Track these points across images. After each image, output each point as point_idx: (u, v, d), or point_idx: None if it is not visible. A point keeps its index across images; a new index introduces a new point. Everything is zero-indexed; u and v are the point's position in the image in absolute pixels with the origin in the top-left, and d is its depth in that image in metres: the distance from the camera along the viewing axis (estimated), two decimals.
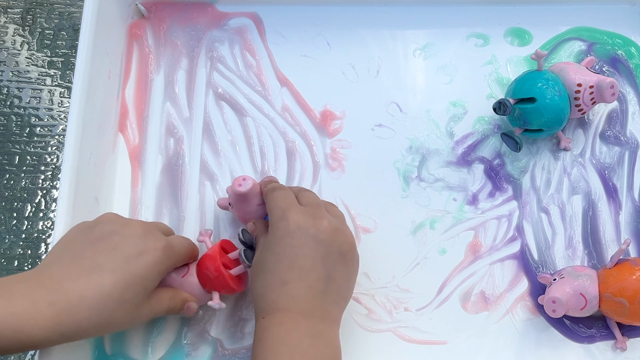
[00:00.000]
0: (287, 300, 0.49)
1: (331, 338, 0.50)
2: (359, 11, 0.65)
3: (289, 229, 0.50)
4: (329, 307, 0.50)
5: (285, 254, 0.50)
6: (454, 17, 0.65)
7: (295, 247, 0.50)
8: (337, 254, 0.51)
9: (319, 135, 0.62)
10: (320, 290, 0.49)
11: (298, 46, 0.65)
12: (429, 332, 0.57)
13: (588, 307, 0.54)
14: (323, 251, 0.50)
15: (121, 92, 0.63)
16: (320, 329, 0.49)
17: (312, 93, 0.63)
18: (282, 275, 0.49)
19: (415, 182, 0.61)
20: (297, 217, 0.51)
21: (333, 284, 0.50)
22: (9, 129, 0.65)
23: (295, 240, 0.50)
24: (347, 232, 0.52)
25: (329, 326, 0.50)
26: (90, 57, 0.57)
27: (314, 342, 0.48)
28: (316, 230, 0.50)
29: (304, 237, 0.50)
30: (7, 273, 0.60)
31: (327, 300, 0.50)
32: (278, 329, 0.48)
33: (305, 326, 0.48)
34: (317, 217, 0.51)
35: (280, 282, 0.49)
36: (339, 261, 0.51)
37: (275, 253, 0.50)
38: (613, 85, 0.57)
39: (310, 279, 0.49)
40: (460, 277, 0.58)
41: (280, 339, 0.48)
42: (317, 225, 0.50)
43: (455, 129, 0.62)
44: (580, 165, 0.61)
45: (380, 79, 0.64)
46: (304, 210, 0.52)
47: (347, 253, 0.51)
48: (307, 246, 0.50)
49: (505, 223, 0.59)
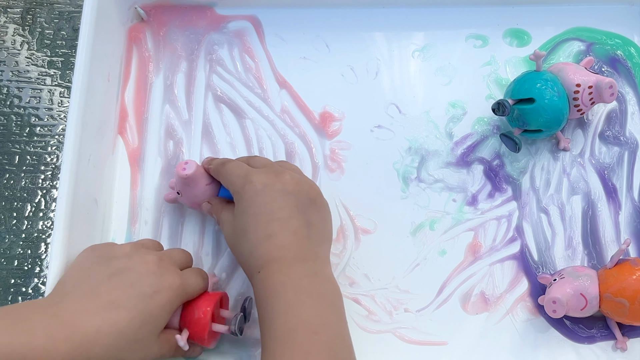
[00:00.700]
0: (277, 250, 0.50)
1: (328, 275, 0.51)
2: (357, 13, 0.65)
3: (257, 189, 0.52)
4: (316, 249, 0.52)
5: (261, 211, 0.51)
6: (453, 18, 0.65)
7: (268, 202, 0.51)
8: (308, 200, 0.53)
9: (318, 137, 0.62)
10: (304, 235, 0.51)
11: (297, 48, 0.65)
12: (429, 333, 0.57)
13: (588, 307, 0.54)
14: (295, 200, 0.52)
15: (120, 95, 0.63)
16: (316, 269, 0.50)
17: (311, 95, 0.63)
18: (264, 230, 0.51)
19: (414, 183, 0.61)
20: (260, 178, 0.52)
21: (313, 228, 0.52)
22: (9, 128, 0.65)
23: (266, 197, 0.52)
24: (309, 181, 0.55)
25: (323, 266, 0.52)
26: (89, 60, 0.57)
27: (314, 281, 0.49)
28: (282, 184, 0.52)
29: (273, 192, 0.52)
30: (7, 273, 0.60)
31: (313, 243, 0.51)
32: (277, 275, 0.49)
33: (301, 268, 0.50)
34: (279, 173, 0.53)
35: (265, 236, 0.50)
36: (311, 207, 0.53)
37: (250, 214, 0.52)
38: (612, 85, 0.57)
39: (291, 226, 0.51)
40: (460, 278, 0.58)
41: (282, 283, 0.49)
42: (281, 180, 0.53)
43: (454, 130, 0.62)
44: (579, 166, 0.61)
45: (379, 81, 0.64)
46: (264, 171, 0.53)
47: (316, 198, 0.53)
48: (279, 199, 0.52)
49: (505, 224, 0.59)
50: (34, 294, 0.60)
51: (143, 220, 0.60)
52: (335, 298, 0.50)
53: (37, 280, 0.60)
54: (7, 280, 0.60)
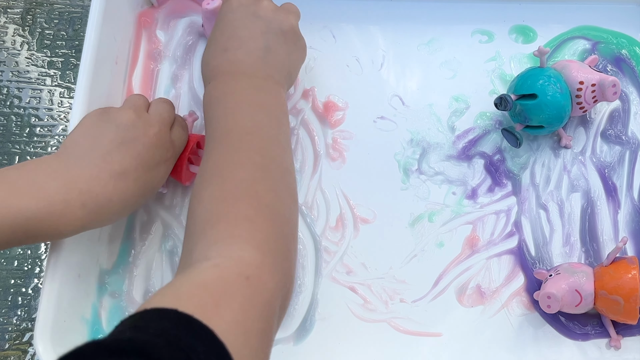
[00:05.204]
0: (228, 65, 0.53)
1: (274, 91, 0.54)
2: (365, 5, 0.66)
3: (232, 6, 0.56)
4: (270, 72, 0.54)
5: (227, 27, 0.55)
6: (459, 13, 0.65)
7: (236, 20, 0.55)
8: (278, 30, 0.55)
9: (321, 126, 0.63)
10: (260, 57, 0.54)
11: (304, 38, 0.65)
12: (424, 324, 0.57)
13: (583, 304, 0.54)
14: (262, 25, 0.55)
15: (128, 79, 0.64)
16: (261, 85, 0.53)
17: (315, 84, 0.64)
18: (223, 44, 0.54)
19: (415, 175, 0.61)
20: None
21: (272, 54, 0.54)
22: (9, 129, 0.65)
23: (235, 15, 0.55)
24: (291, 17, 0.57)
25: (272, 85, 0.54)
26: (97, 42, 0.58)
27: (257, 93, 0.53)
28: (257, 8, 0.56)
29: (245, 12, 0.55)
30: (7, 273, 0.61)
31: (268, 65, 0.54)
32: (222, 86, 0.53)
33: (247, 82, 0.53)
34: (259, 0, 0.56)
35: (222, 50, 0.54)
36: (279, 37, 0.55)
37: (218, 28, 0.56)
38: (615, 84, 0.57)
39: (248, 46, 0.54)
40: (457, 270, 0.58)
41: (226, 92, 0.52)
42: (257, 3, 0.56)
43: (456, 124, 0.62)
44: (580, 163, 0.61)
45: (384, 72, 0.64)
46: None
47: (288, 32, 0.56)
48: (247, 19, 0.55)
49: (503, 218, 0.60)
50: (33, 294, 0.60)
51: None
52: (275, 109, 0.52)
53: (37, 280, 0.61)
54: (7, 280, 0.61)
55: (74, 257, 0.54)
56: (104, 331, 0.56)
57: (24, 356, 0.59)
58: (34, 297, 0.60)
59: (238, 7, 0.56)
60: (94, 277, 0.58)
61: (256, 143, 0.49)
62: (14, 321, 0.60)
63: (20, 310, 0.60)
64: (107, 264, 0.58)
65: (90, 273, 0.57)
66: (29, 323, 0.60)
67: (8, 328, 0.60)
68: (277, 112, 0.52)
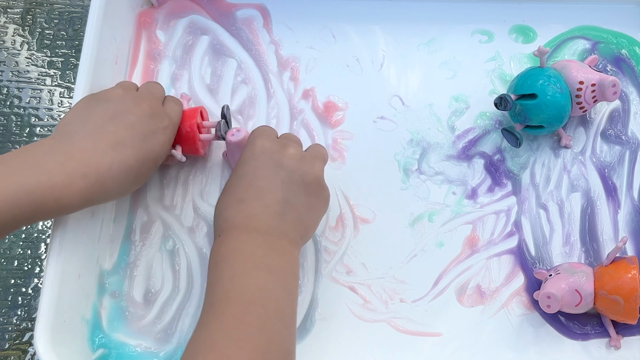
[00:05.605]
0: (242, 218, 0.50)
1: (287, 252, 0.50)
2: (365, 5, 0.66)
3: (255, 151, 0.53)
4: (286, 229, 0.51)
5: (247, 174, 0.52)
6: (459, 13, 0.65)
7: (257, 168, 0.52)
8: (300, 181, 0.52)
9: (321, 126, 0.63)
10: (277, 211, 0.50)
11: (304, 38, 0.65)
12: (424, 324, 0.57)
13: (583, 303, 0.54)
14: (285, 176, 0.51)
15: (127, 79, 0.64)
16: (276, 244, 0.50)
17: (315, 84, 0.64)
18: (240, 194, 0.51)
19: (415, 175, 0.61)
20: (263, 142, 0.53)
21: (291, 208, 0.51)
22: (9, 129, 0.65)
23: (258, 162, 0.52)
24: (316, 165, 0.53)
25: (286, 244, 0.50)
26: (97, 42, 0.58)
27: (268, 253, 0.49)
28: (280, 155, 0.52)
29: (268, 160, 0.52)
30: (7, 273, 0.61)
31: (285, 222, 0.51)
32: (232, 242, 0.49)
33: (260, 240, 0.49)
34: (285, 145, 0.53)
35: (237, 201, 0.51)
36: (300, 189, 0.52)
37: (237, 174, 0.53)
38: (615, 84, 0.57)
39: (267, 199, 0.51)
40: (457, 270, 0.58)
41: (234, 250, 0.49)
42: (282, 151, 0.52)
43: (456, 124, 0.62)
44: (580, 163, 0.61)
45: (384, 72, 0.64)
46: (274, 139, 0.54)
47: (311, 184, 0.52)
48: (269, 168, 0.52)
49: (503, 218, 0.60)
50: (33, 294, 0.60)
51: (151, 213, 0.61)
52: (286, 275, 0.49)
53: (37, 280, 0.61)
54: (7, 280, 0.61)
55: (74, 257, 0.54)
56: (104, 331, 0.57)
57: (24, 356, 0.59)
58: (34, 297, 0.60)
59: (261, 153, 0.52)
60: (94, 277, 0.58)
61: (259, 317, 0.45)
62: (14, 321, 0.60)
63: (20, 310, 0.60)
64: (107, 264, 0.59)
65: (90, 273, 0.57)
66: (29, 323, 0.60)
67: (8, 328, 0.60)
68: (286, 277, 0.49)
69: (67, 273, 0.53)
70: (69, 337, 0.53)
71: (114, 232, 0.60)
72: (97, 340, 0.56)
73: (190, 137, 0.57)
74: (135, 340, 0.57)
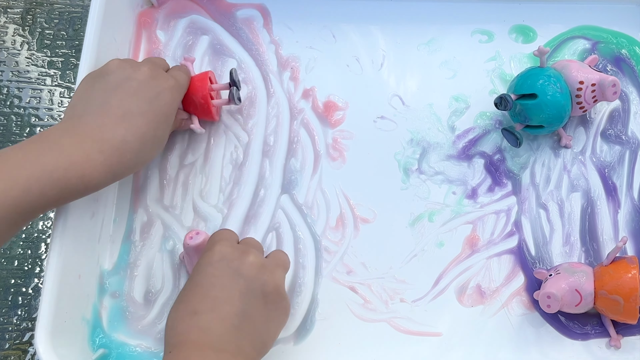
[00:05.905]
0: (196, 333, 0.46)
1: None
2: (365, 5, 0.66)
3: (213, 259, 0.49)
4: (242, 344, 0.47)
5: (203, 283, 0.48)
6: (459, 13, 0.65)
7: (215, 276, 0.48)
8: (259, 292, 0.49)
9: (321, 126, 0.63)
10: (234, 324, 0.47)
11: (304, 38, 0.65)
12: (424, 324, 0.57)
13: (583, 303, 0.54)
14: (243, 286, 0.48)
15: None
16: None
17: (315, 84, 0.64)
18: (194, 305, 0.47)
19: (415, 175, 0.61)
20: (223, 249, 0.50)
21: (249, 321, 0.47)
22: (9, 129, 0.65)
23: (216, 270, 0.48)
24: (277, 274, 0.50)
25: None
26: (97, 42, 0.58)
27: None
28: (240, 263, 0.49)
29: (226, 268, 0.49)
30: (7, 273, 0.61)
31: (241, 337, 0.47)
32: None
33: (213, 358, 0.45)
34: (245, 252, 0.50)
35: (191, 312, 0.47)
36: (259, 300, 0.48)
37: (193, 283, 0.49)
38: (615, 83, 0.57)
39: (223, 311, 0.47)
40: (457, 270, 0.58)
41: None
42: (242, 259, 0.49)
43: (456, 123, 0.62)
44: (580, 163, 0.61)
45: (384, 72, 0.64)
46: (234, 245, 0.51)
47: (270, 294, 0.49)
48: (227, 277, 0.48)
49: (503, 218, 0.60)
50: (33, 294, 0.60)
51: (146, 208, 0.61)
52: None
53: (37, 280, 0.61)
54: (7, 280, 0.61)
55: (74, 257, 0.54)
56: (104, 331, 0.57)
57: (24, 356, 0.59)
58: (34, 297, 0.60)
59: (220, 260, 0.49)
60: (94, 277, 0.58)
61: None
62: (14, 321, 0.60)
63: (20, 310, 0.60)
64: (107, 264, 0.59)
65: (90, 273, 0.57)
66: (29, 323, 0.60)
67: (8, 328, 0.60)
68: None
69: (68, 273, 0.53)
70: (69, 337, 0.53)
71: (114, 232, 0.60)
72: (98, 340, 0.56)
73: (205, 107, 0.58)
74: (136, 340, 0.57)
